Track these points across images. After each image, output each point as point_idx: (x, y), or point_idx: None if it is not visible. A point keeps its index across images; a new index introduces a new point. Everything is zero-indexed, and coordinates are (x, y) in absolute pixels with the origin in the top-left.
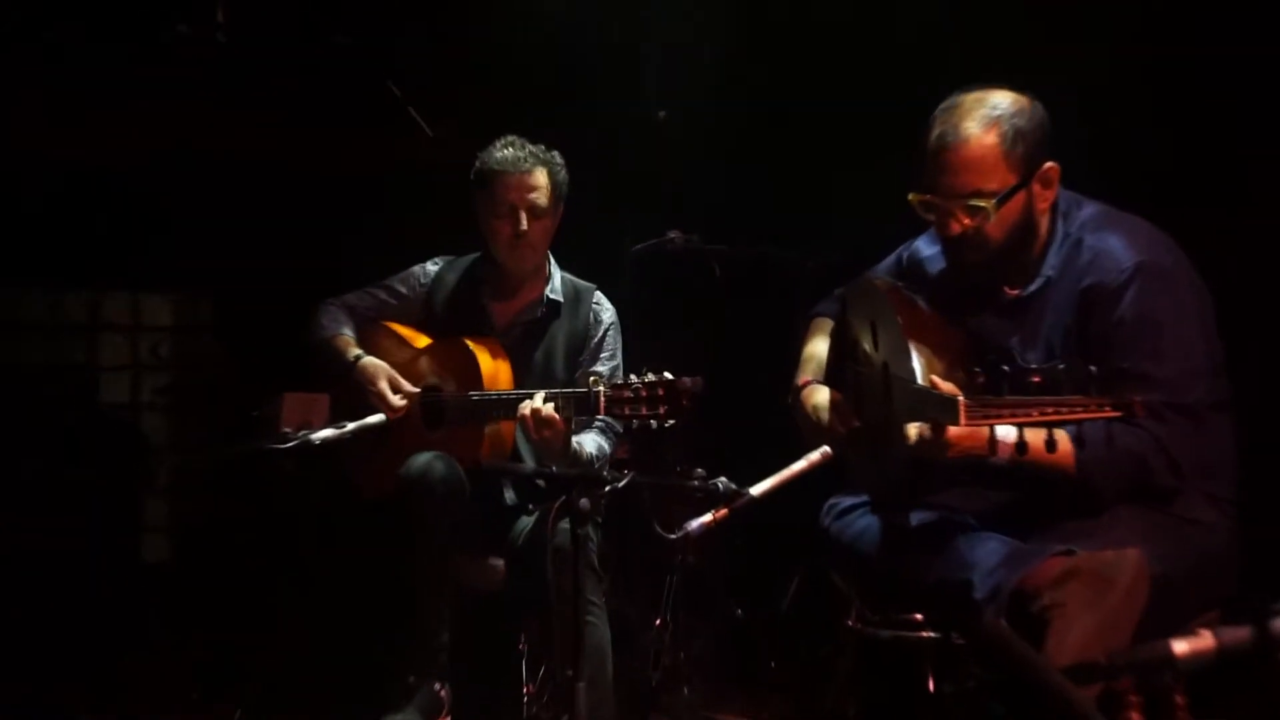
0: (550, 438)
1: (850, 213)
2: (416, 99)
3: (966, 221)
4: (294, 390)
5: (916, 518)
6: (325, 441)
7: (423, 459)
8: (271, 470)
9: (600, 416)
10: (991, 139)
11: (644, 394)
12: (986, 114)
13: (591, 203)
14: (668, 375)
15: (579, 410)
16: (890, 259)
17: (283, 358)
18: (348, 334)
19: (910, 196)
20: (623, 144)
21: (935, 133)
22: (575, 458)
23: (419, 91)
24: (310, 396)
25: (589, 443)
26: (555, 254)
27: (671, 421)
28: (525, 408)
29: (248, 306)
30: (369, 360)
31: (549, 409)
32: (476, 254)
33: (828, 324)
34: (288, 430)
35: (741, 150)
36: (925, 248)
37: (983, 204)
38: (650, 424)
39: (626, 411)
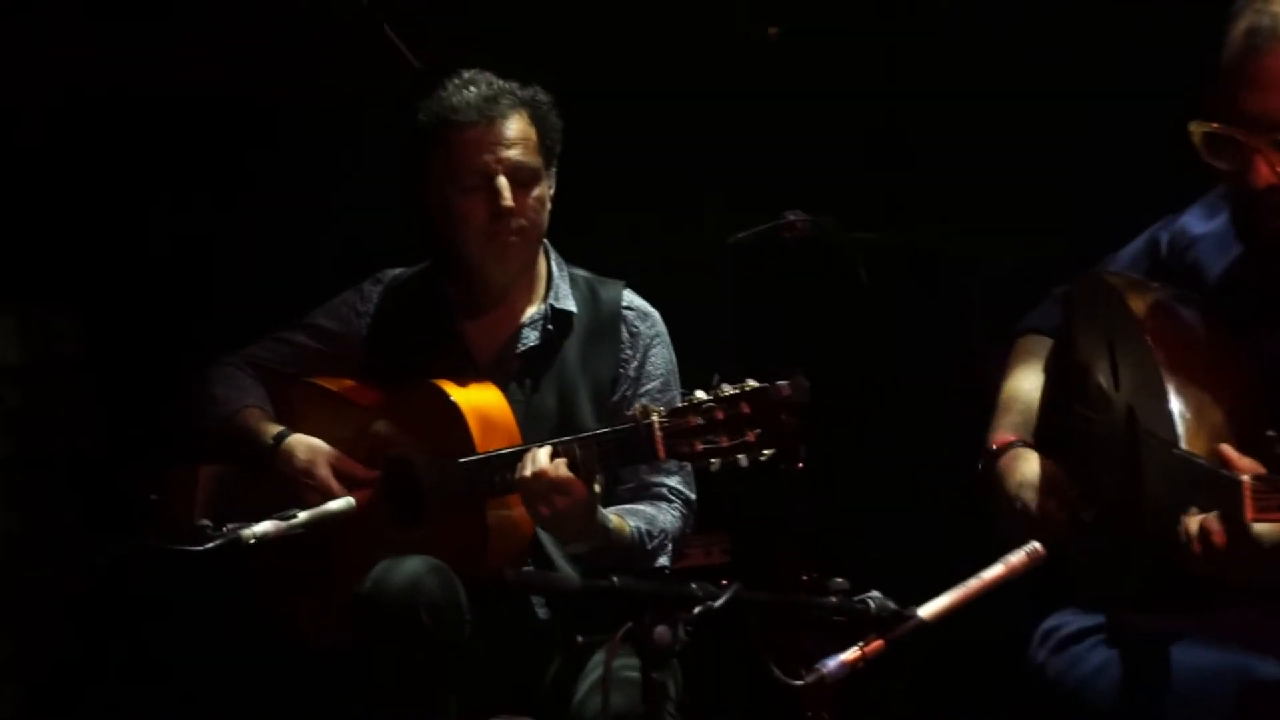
0: (566, 509)
1: (1077, 178)
2: (396, 14)
3: None
4: (210, 461)
5: (1183, 652)
6: (264, 539)
7: (402, 569)
8: (179, 585)
9: (658, 480)
10: None
11: (720, 416)
12: None
13: (661, 172)
14: (752, 382)
15: (627, 457)
16: (1139, 242)
17: (191, 407)
18: (259, 405)
19: (1192, 127)
20: (710, 82)
21: (1241, 28)
22: (606, 536)
23: (401, 3)
24: (236, 471)
25: (634, 514)
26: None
27: (769, 451)
28: (524, 468)
29: (136, 328)
30: (297, 439)
31: (560, 465)
32: (429, 262)
33: (1044, 344)
34: (205, 523)
35: (897, 90)
36: (1198, 224)
37: None
38: (738, 461)
39: (699, 447)
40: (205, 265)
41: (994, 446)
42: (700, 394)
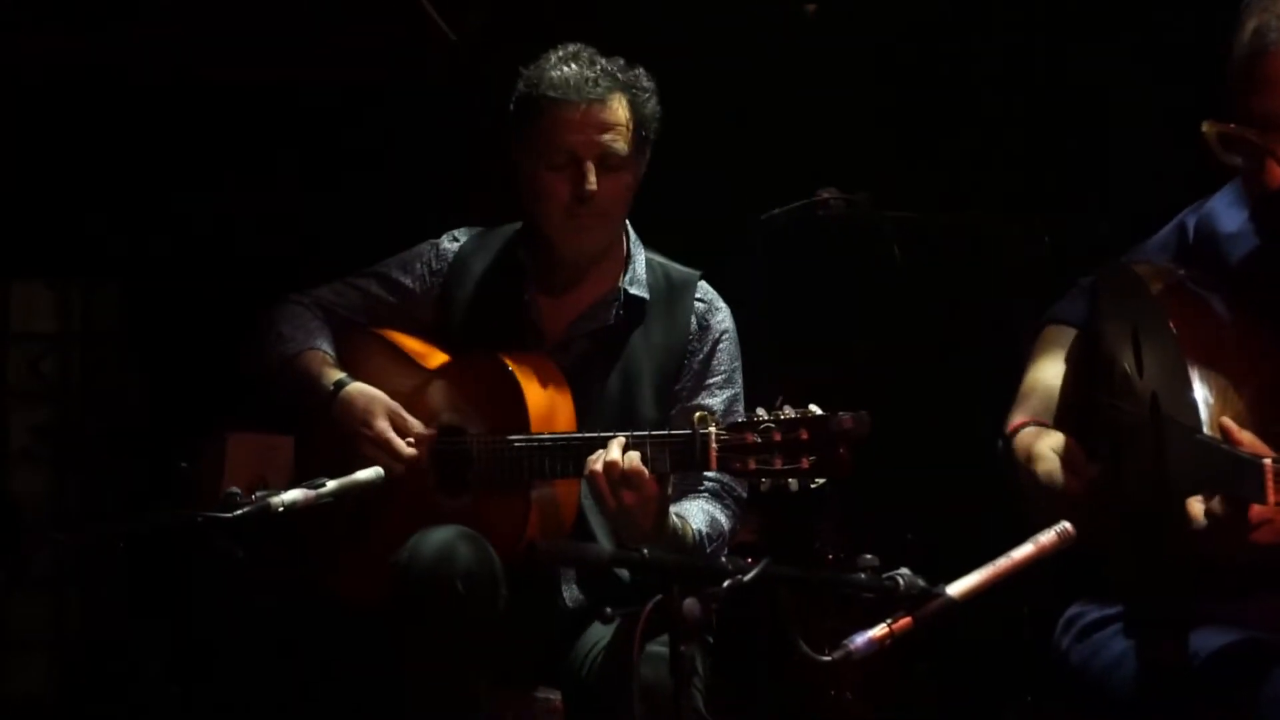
0: (634, 506)
1: (1113, 161)
2: None
3: None
4: (242, 429)
5: (1205, 638)
6: (293, 507)
7: (437, 538)
8: (208, 553)
9: (711, 474)
10: None
11: (778, 438)
12: None
13: (698, 148)
14: (815, 409)
15: (679, 463)
16: (1166, 231)
17: (226, 378)
18: (323, 349)
19: (1205, 127)
20: (748, 57)
21: (1250, 28)
22: (674, 539)
23: None
24: (266, 439)
25: (696, 515)
26: (637, 225)
27: (820, 480)
28: (596, 460)
29: (173, 301)
30: (358, 388)
31: (633, 459)
32: (516, 225)
33: (1068, 335)
34: (234, 490)
35: (934, 65)
36: (1223, 216)
37: None
38: (788, 484)
39: (752, 465)
40: (241, 243)
41: (1013, 427)
42: (761, 412)
